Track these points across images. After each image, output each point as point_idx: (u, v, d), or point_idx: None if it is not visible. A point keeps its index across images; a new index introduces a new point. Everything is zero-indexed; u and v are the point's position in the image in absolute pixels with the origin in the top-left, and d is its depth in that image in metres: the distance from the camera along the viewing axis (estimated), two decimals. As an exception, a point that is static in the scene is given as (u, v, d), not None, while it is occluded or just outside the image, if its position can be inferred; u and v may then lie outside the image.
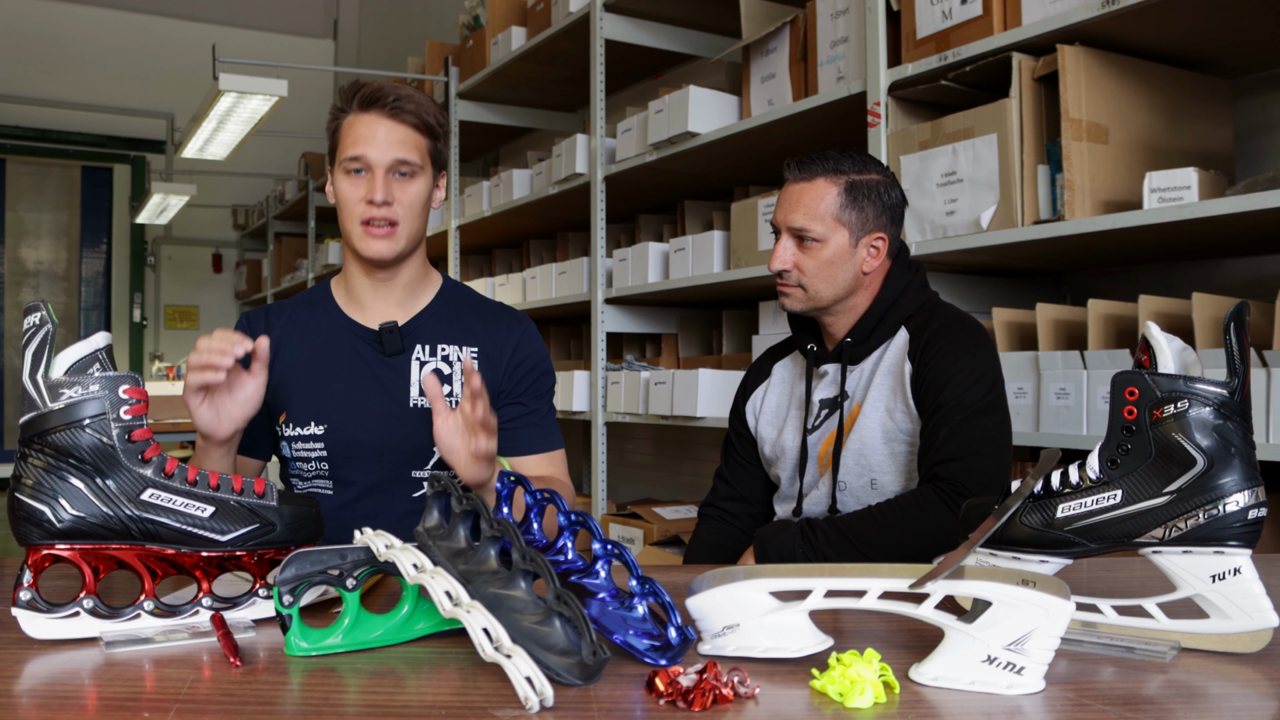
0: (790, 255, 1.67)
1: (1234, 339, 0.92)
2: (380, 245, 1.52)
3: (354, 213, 1.52)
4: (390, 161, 1.50)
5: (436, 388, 1.33)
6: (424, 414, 1.56)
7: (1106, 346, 1.98)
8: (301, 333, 1.61)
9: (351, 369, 1.58)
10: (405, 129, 1.51)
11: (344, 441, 1.56)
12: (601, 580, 0.97)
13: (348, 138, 1.52)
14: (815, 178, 1.66)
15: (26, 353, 0.94)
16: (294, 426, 1.57)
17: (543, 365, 1.66)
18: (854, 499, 1.67)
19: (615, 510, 3.47)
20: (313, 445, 1.57)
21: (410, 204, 1.53)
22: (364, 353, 1.59)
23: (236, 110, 4.50)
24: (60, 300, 8.66)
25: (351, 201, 1.52)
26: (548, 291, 3.78)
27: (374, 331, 1.59)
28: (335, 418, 1.56)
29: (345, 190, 1.53)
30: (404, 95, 1.52)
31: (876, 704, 0.78)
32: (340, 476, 1.57)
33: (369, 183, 1.51)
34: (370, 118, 1.51)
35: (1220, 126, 2.17)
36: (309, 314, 1.63)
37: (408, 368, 1.58)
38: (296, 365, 1.59)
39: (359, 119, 1.52)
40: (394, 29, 7.94)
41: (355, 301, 1.62)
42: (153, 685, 0.84)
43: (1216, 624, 0.93)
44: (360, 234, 1.53)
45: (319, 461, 1.57)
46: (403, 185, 1.52)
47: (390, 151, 1.50)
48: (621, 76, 3.88)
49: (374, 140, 1.50)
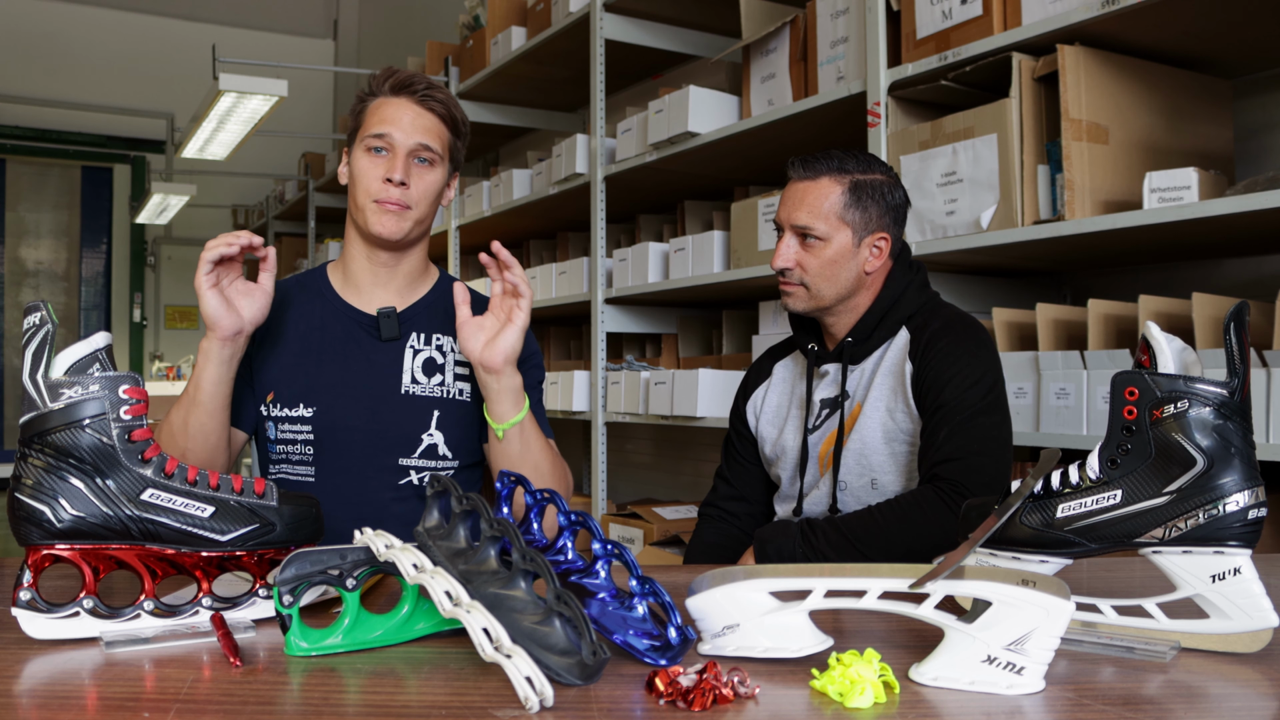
0: (793, 254, 1.67)
1: (1234, 339, 0.92)
2: (390, 221, 1.53)
3: (369, 189, 1.53)
4: (413, 145, 1.52)
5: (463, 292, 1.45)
6: (414, 401, 1.57)
7: (1106, 346, 1.98)
8: (295, 314, 1.61)
9: (344, 352, 1.59)
10: (432, 117, 1.54)
11: (332, 425, 1.55)
12: (601, 580, 0.97)
13: (373, 117, 1.54)
14: (819, 176, 1.66)
15: (26, 353, 0.94)
16: (281, 407, 1.56)
17: (534, 359, 1.66)
18: (854, 499, 1.67)
19: (615, 510, 3.47)
20: (300, 427, 1.56)
21: (425, 191, 1.55)
22: (358, 337, 1.59)
23: (236, 110, 4.50)
24: (60, 300, 8.66)
25: (368, 178, 1.53)
26: (548, 291, 3.78)
27: (370, 316, 1.60)
28: (325, 400, 1.56)
29: (364, 167, 1.54)
30: (434, 86, 1.56)
31: (876, 704, 0.78)
32: (324, 460, 1.56)
33: (389, 162, 1.52)
34: (399, 101, 1.53)
35: (1220, 126, 2.17)
36: (303, 295, 1.63)
37: (401, 355, 1.59)
38: (287, 346, 1.59)
39: (387, 101, 1.54)
40: (394, 29, 7.94)
41: (353, 286, 1.62)
42: (153, 685, 0.84)
43: (1216, 624, 0.93)
44: (373, 209, 1.53)
45: (304, 445, 1.56)
46: (420, 172, 1.54)
47: (414, 136, 1.52)
48: (621, 76, 3.88)
49: (400, 122, 1.52)
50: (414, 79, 1.54)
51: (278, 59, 8.29)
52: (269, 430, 1.58)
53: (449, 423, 1.58)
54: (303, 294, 1.63)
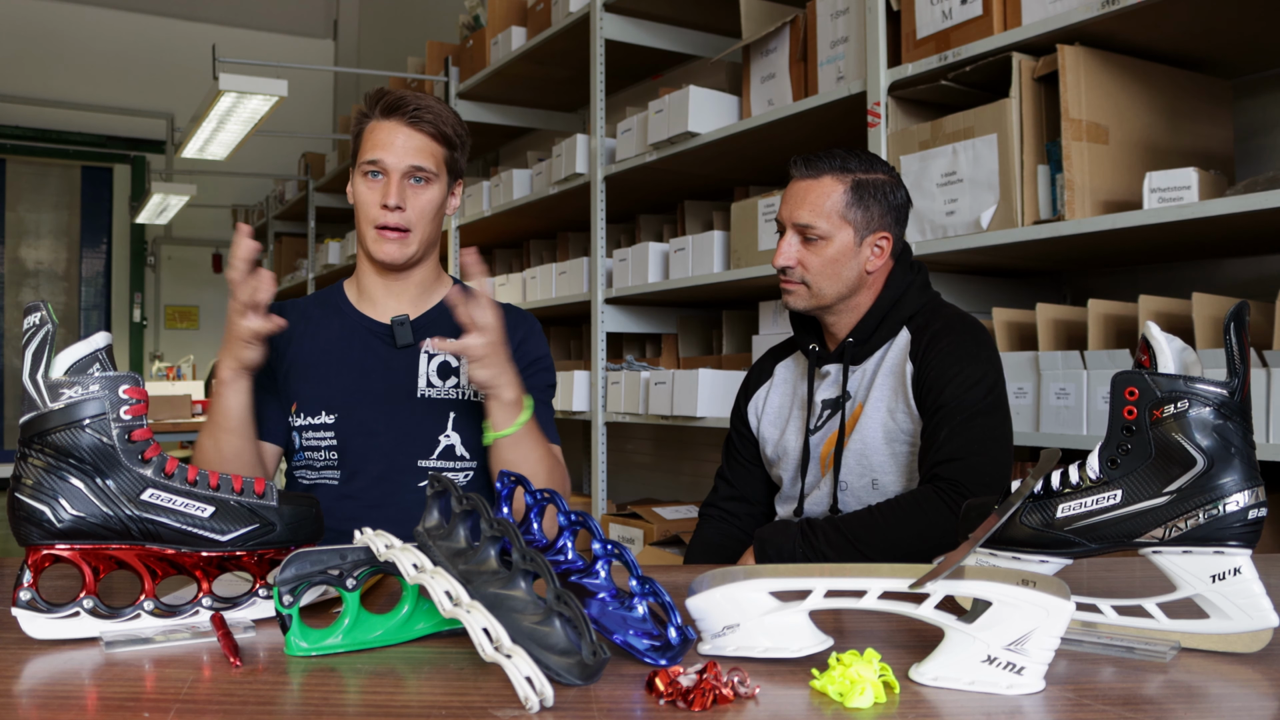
0: (795, 252, 1.67)
1: (1234, 339, 0.92)
2: (392, 249, 1.58)
3: (369, 215, 1.58)
4: (405, 167, 1.55)
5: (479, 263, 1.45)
6: (431, 404, 1.61)
7: (1106, 346, 1.98)
8: (315, 326, 1.67)
9: (362, 360, 1.63)
10: (422, 137, 1.57)
11: (353, 430, 1.60)
12: (601, 580, 0.97)
13: (368, 142, 1.57)
14: (822, 175, 1.66)
15: (26, 353, 0.94)
16: (305, 415, 1.61)
17: (544, 363, 1.69)
18: (855, 499, 1.67)
19: (615, 510, 3.47)
20: (323, 434, 1.61)
21: (422, 210, 1.58)
22: (374, 346, 1.64)
23: (236, 110, 4.50)
24: (60, 300, 8.66)
25: (367, 204, 1.58)
26: (548, 291, 3.78)
27: (385, 325, 1.64)
28: (345, 406, 1.60)
29: (362, 193, 1.59)
30: (424, 105, 1.57)
31: (876, 704, 0.78)
32: (349, 465, 1.60)
33: (385, 186, 1.56)
34: (390, 125, 1.56)
35: (1220, 126, 2.17)
36: (322, 310, 1.69)
37: (416, 360, 1.63)
38: (308, 359, 1.64)
39: (380, 125, 1.57)
40: (394, 29, 7.94)
41: (368, 299, 1.68)
42: (153, 685, 0.84)
43: (1216, 624, 0.93)
44: (374, 237, 1.58)
45: (329, 451, 1.61)
46: (416, 191, 1.57)
47: (406, 158, 1.55)
48: (621, 76, 3.88)
49: (391, 146, 1.55)
50: (403, 100, 1.56)
51: (278, 59, 8.29)
52: (295, 439, 1.63)
53: (465, 424, 1.62)
54: (322, 310, 1.69)
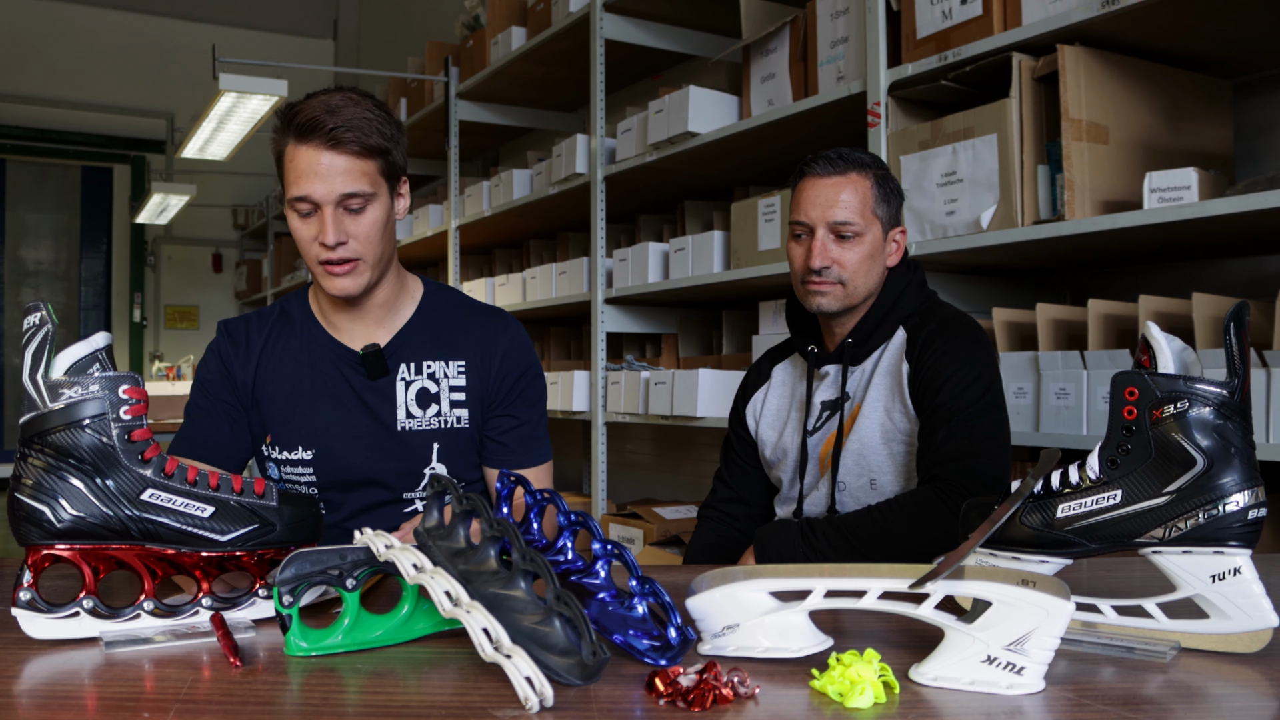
0: (830, 251, 1.65)
1: (1234, 339, 0.92)
2: (344, 283, 1.46)
3: (309, 253, 1.45)
4: (337, 197, 1.41)
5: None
6: (412, 436, 1.54)
7: (1106, 346, 1.98)
8: (283, 351, 1.57)
9: (336, 392, 1.54)
10: (347, 158, 1.40)
11: (333, 468, 1.53)
12: (601, 580, 0.97)
13: (291, 172, 1.42)
14: (848, 171, 1.65)
15: (26, 353, 0.94)
16: (280, 450, 1.54)
17: (531, 371, 1.62)
18: (853, 499, 1.67)
19: (615, 510, 3.47)
20: (301, 470, 1.54)
21: (366, 235, 1.44)
22: (349, 375, 1.55)
23: (236, 110, 4.50)
24: (60, 300, 8.65)
25: (305, 242, 1.45)
26: (548, 291, 3.78)
27: (357, 354, 1.54)
28: (323, 443, 1.53)
29: (298, 230, 1.45)
30: (341, 121, 1.39)
31: (876, 704, 0.78)
32: (331, 500, 1.56)
33: (319, 222, 1.42)
34: (309, 150, 1.40)
35: (1220, 126, 2.16)
36: (289, 331, 1.58)
37: (393, 390, 1.55)
38: (280, 387, 1.55)
39: (299, 151, 1.41)
40: (394, 29, 7.93)
41: (332, 323, 1.57)
42: (153, 685, 0.84)
43: (1216, 624, 0.93)
44: (321, 273, 1.46)
45: (308, 486, 1.55)
46: (355, 219, 1.43)
47: (335, 186, 1.40)
48: (621, 76, 3.88)
49: (316, 175, 1.39)
50: (317, 120, 1.39)
51: (278, 59, 8.28)
52: (272, 471, 1.57)
53: (451, 453, 1.56)
54: (287, 328, 1.58)
